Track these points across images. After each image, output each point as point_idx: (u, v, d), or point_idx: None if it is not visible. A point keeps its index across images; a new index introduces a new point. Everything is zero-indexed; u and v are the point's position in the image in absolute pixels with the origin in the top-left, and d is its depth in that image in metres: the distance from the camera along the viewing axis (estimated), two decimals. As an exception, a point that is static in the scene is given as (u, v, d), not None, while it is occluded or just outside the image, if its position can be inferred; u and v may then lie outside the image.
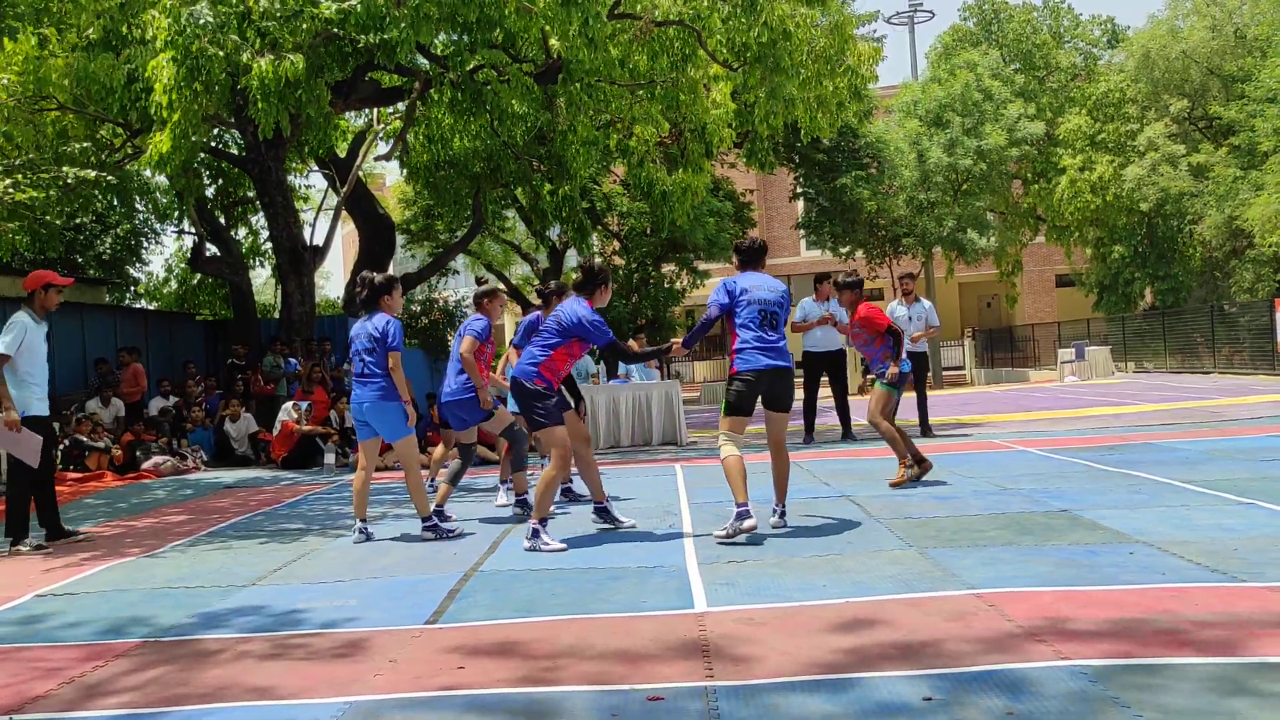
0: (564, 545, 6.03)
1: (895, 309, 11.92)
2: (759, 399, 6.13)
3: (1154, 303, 30.42)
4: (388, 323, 6.65)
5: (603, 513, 6.69)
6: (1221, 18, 27.74)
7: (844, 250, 29.79)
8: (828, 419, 12.73)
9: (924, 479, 7.90)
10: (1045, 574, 4.75)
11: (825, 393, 12.20)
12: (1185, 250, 28.63)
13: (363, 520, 6.84)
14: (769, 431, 6.36)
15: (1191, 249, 28.42)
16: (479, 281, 7.97)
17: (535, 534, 6.04)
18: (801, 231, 32.60)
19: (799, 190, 29.92)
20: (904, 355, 7.93)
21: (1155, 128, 27.72)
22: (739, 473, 5.91)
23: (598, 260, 6.80)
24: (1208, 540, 5.27)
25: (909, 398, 12.02)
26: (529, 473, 7.59)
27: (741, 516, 5.82)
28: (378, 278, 6.84)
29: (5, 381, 7.08)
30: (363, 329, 6.71)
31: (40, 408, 7.35)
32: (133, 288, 25.01)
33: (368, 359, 6.66)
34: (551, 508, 6.39)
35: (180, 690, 3.74)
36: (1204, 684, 3.22)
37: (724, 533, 5.91)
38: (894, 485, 7.73)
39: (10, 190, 10.70)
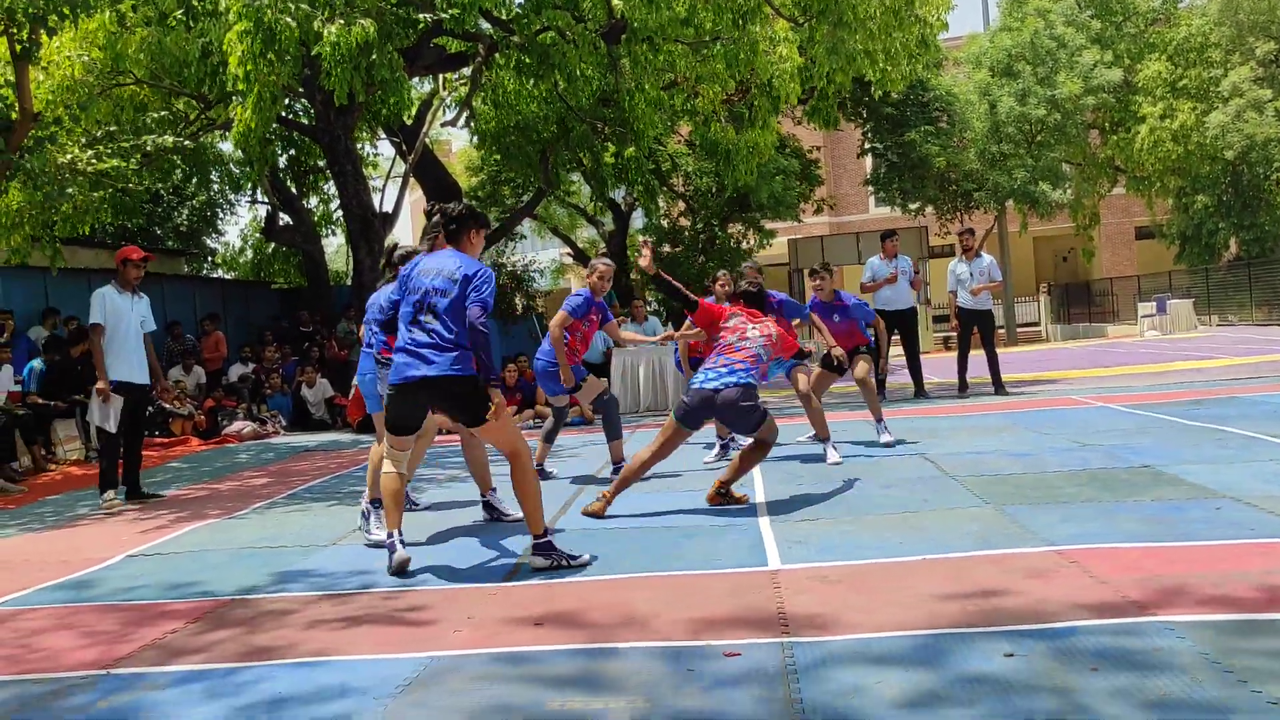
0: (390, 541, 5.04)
1: (956, 266, 11.73)
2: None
3: (1239, 253, 29.43)
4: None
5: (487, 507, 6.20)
6: (1312, -46, 26.54)
7: (913, 207, 29.26)
8: (901, 377, 12.58)
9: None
10: (1129, 530, 4.65)
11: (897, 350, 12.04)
12: (1272, 199, 27.61)
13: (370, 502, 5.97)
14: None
15: (1279, 197, 27.42)
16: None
17: (366, 515, 5.66)
18: (870, 188, 32.05)
19: (867, 146, 29.38)
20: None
21: (1240, 72, 26.68)
22: (390, 497, 4.90)
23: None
24: (1299, 495, 5.12)
25: (977, 355, 11.83)
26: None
27: (391, 549, 4.85)
28: (398, 251, 6.32)
29: (102, 350, 7.64)
30: (375, 300, 6.07)
31: (122, 374, 7.75)
32: (210, 258, 25.59)
33: (375, 329, 6.01)
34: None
35: (266, 647, 3.85)
36: (1297, 641, 3.13)
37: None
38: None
39: (93, 160, 10.98)
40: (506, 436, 4.79)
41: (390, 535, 4.86)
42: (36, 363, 11.36)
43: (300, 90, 13.72)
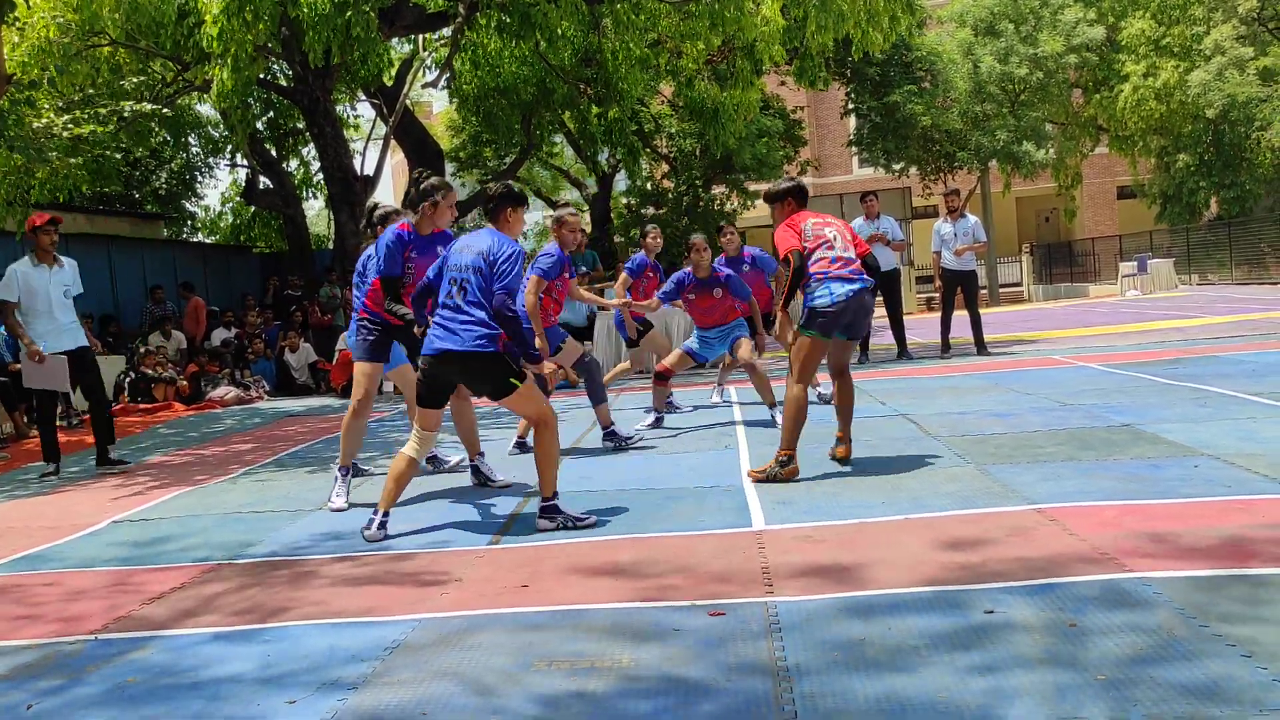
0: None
1: (940, 226, 11.74)
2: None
3: (1219, 213, 29.54)
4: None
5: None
6: (1296, -90, 26.43)
7: (897, 167, 29.22)
8: (884, 338, 12.63)
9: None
10: (1108, 489, 4.71)
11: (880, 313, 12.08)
12: (1253, 158, 27.68)
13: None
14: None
15: (1259, 156, 27.48)
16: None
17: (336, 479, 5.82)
18: (854, 149, 31.97)
19: (850, 106, 29.28)
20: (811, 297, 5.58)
21: (1223, 30, 26.64)
22: (394, 478, 4.97)
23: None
24: (1274, 452, 5.18)
25: (960, 316, 11.89)
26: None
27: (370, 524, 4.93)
28: (378, 210, 6.35)
29: (17, 322, 7.58)
30: (360, 261, 6.18)
31: (52, 345, 7.60)
32: (189, 222, 25.34)
33: (357, 291, 6.18)
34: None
35: (255, 611, 3.87)
36: (1271, 594, 3.19)
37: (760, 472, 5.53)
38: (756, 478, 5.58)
39: (70, 125, 10.84)
40: (534, 408, 4.88)
41: (376, 513, 4.90)
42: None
43: (279, 51, 13.57)
